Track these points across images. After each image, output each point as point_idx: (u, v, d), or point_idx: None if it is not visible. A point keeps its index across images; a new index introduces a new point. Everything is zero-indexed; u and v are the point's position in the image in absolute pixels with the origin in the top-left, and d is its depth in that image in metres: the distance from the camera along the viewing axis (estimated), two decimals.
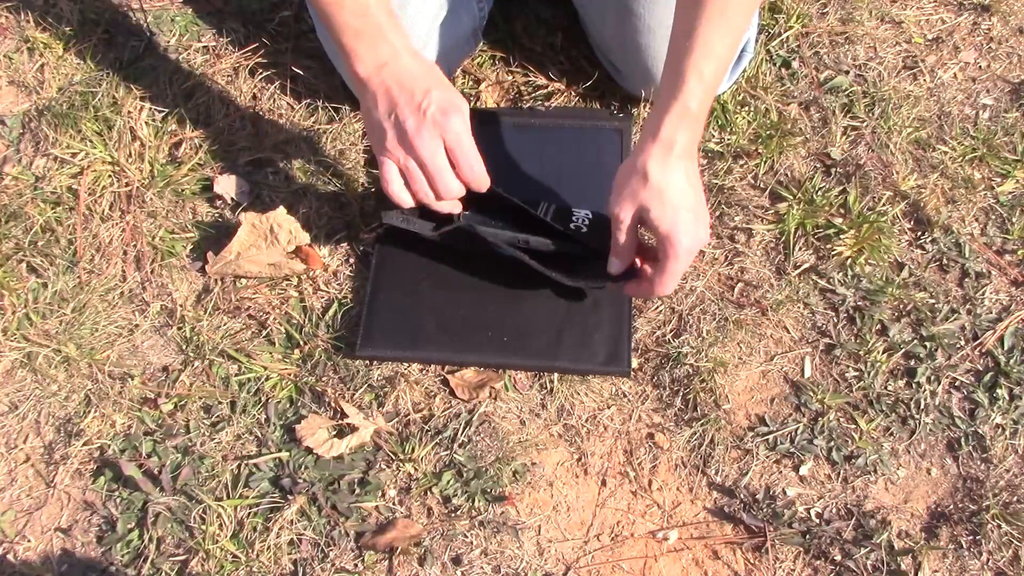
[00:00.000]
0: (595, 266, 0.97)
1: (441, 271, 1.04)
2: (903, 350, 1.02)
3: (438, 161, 0.91)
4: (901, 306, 1.05)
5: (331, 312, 1.03)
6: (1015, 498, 0.94)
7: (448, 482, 0.95)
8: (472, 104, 1.19)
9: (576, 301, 1.02)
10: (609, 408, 0.99)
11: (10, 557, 0.92)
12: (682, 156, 0.88)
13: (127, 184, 1.11)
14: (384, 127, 0.91)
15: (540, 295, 1.02)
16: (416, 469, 0.95)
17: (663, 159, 0.87)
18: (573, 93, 1.19)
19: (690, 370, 1.00)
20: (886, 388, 1.00)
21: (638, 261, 0.95)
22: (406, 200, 0.93)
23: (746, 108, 1.17)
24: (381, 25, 0.91)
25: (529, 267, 0.97)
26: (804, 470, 0.96)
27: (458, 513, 0.94)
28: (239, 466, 0.95)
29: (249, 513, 0.93)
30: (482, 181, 0.93)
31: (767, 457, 0.97)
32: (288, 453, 0.96)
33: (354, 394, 0.99)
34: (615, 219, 0.91)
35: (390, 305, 1.02)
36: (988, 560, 0.91)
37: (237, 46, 1.21)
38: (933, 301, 1.05)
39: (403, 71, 0.91)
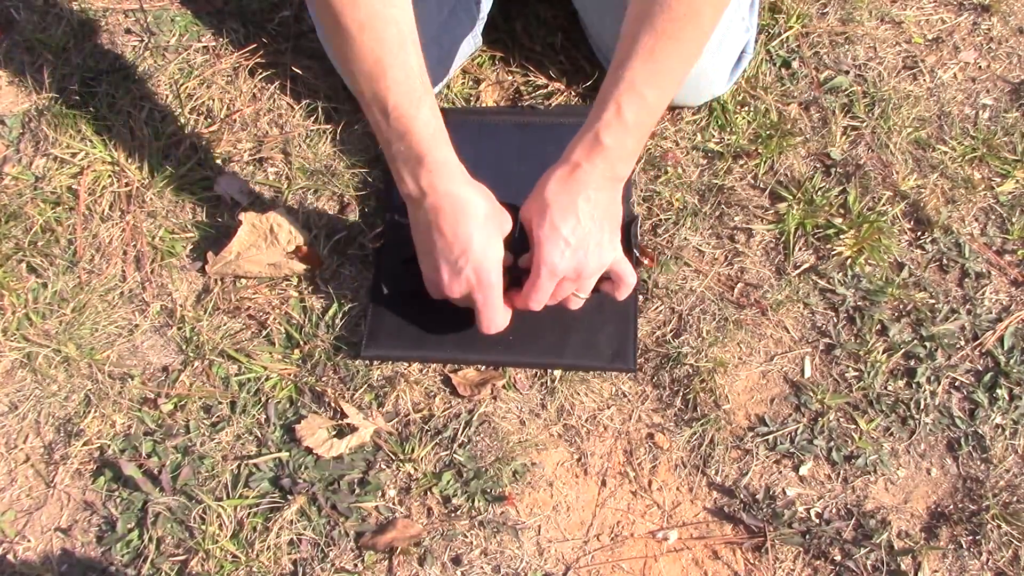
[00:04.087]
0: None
1: None
2: (903, 350, 1.02)
3: (464, 305, 0.95)
4: (901, 306, 1.05)
5: (331, 312, 1.03)
6: (1015, 498, 0.94)
7: (448, 482, 0.95)
8: (472, 104, 1.19)
9: None
10: (609, 408, 0.99)
11: (10, 557, 0.92)
12: (585, 183, 0.88)
13: (127, 184, 1.11)
14: (421, 247, 0.94)
15: None
16: (416, 469, 0.95)
17: (563, 180, 0.89)
18: (573, 93, 1.19)
19: (690, 370, 1.00)
20: (886, 388, 1.00)
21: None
22: None
23: (746, 108, 1.17)
24: (423, 153, 0.88)
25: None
26: (804, 470, 0.96)
27: (458, 513, 0.94)
28: (239, 466, 0.95)
29: (249, 513, 0.93)
30: (500, 328, 0.95)
31: (767, 457, 0.97)
32: (288, 453, 0.96)
33: (354, 394, 0.99)
34: (523, 220, 0.94)
35: (394, 305, 1.02)
36: (988, 560, 0.91)
37: (237, 46, 1.21)
38: (933, 301, 1.05)
39: (444, 206, 0.89)
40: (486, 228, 0.90)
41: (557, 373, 1.00)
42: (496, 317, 0.93)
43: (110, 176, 1.12)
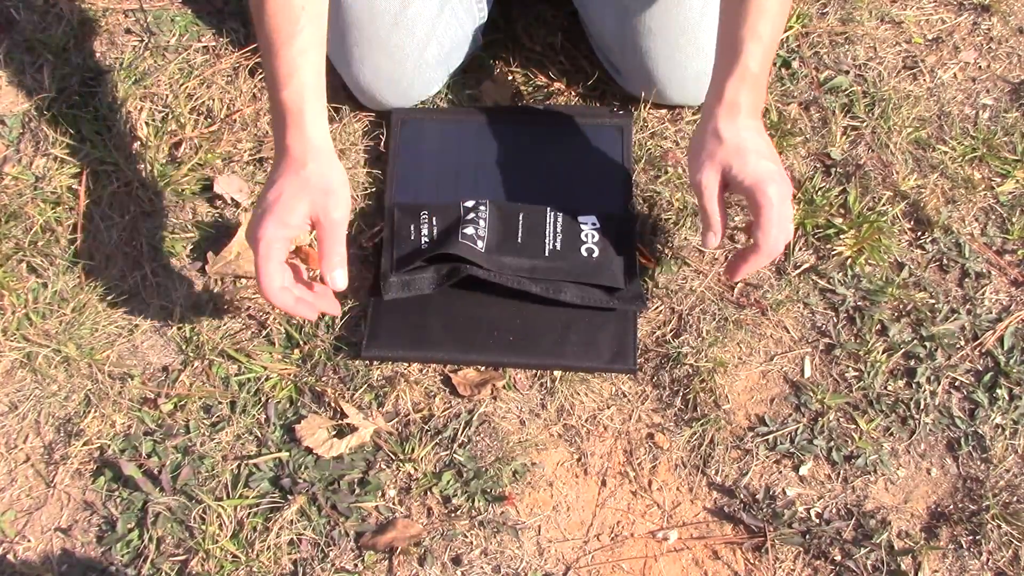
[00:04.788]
0: (599, 287, 1.00)
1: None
2: (903, 350, 1.02)
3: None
4: (901, 306, 1.05)
5: None
6: (1015, 498, 0.94)
7: (448, 482, 0.95)
8: (472, 104, 1.19)
9: None
10: (609, 408, 0.99)
11: (10, 557, 0.92)
12: (749, 115, 0.89)
13: (127, 184, 1.11)
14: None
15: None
16: (416, 469, 0.95)
17: (732, 119, 0.89)
18: (573, 93, 1.19)
19: (690, 370, 1.00)
20: (886, 388, 1.00)
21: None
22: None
23: None
24: (276, 92, 0.88)
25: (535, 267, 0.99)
26: (804, 470, 0.96)
27: (458, 513, 0.94)
28: (239, 466, 0.95)
29: (249, 513, 0.93)
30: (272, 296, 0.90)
31: (767, 457, 0.97)
32: (288, 453, 0.96)
33: (354, 394, 0.99)
34: (698, 187, 0.90)
35: (395, 305, 1.02)
36: (988, 560, 0.91)
37: (237, 46, 1.21)
38: (933, 301, 1.05)
39: (284, 193, 0.88)
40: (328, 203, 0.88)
41: (557, 373, 1.00)
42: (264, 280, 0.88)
43: (110, 176, 1.12)
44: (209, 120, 1.16)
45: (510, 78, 1.21)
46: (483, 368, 1.01)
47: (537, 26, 1.24)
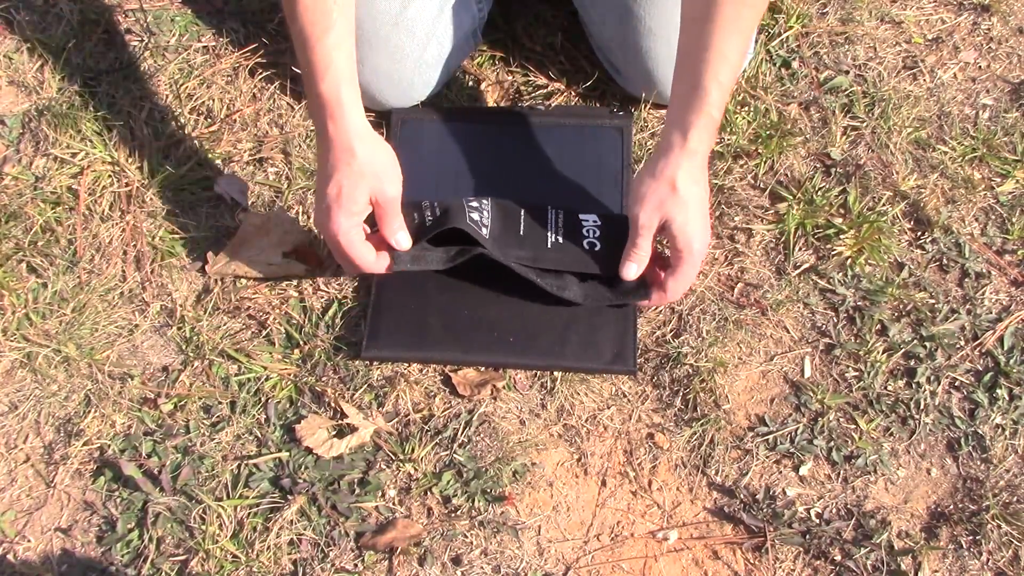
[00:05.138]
0: (602, 282, 1.00)
1: (446, 271, 1.04)
2: (903, 350, 1.02)
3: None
4: (901, 306, 1.05)
5: (331, 312, 1.03)
6: (1015, 498, 0.94)
7: (448, 482, 0.95)
8: (472, 104, 1.19)
9: None
10: (609, 408, 0.99)
11: (10, 557, 0.92)
12: (703, 167, 0.93)
13: (127, 184, 1.11)
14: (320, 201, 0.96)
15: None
16: (416, 469, 0.95)
17: (690, 170, 0.92)
18: (573, 93, 1.19)
19: (690, 370, 1.00)
20: (886, 388, 1.00)
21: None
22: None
23: (746, 108, 1.17)
24: (315, 82, 0.91)
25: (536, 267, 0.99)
26: (804, 470, 0.96)
27: (458, 513, 0.94)
28: (239, 466, 0.95)
29: (249, 513, 0.93)
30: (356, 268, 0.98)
31: (767, 457, 0.97)
32: (288, 453, 0.96)
33: (354, 394, 0.99)
34: (638, 225, 0.94)
35: (395, 305, 1.02)
36: (988, 560, 0.91)
37: (237, 46, 1.21)
38: (933, 301, 1.05)
39: (347, 176, 0.93)
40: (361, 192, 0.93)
41: (557, 373, 1.00)
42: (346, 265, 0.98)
43: (110, 176, 1.12)
44: (209, 120, 1.16)
45: (510, 78, 1.21)
46: (483, 368, 1.01)
47: (537, 26, 1.24)
